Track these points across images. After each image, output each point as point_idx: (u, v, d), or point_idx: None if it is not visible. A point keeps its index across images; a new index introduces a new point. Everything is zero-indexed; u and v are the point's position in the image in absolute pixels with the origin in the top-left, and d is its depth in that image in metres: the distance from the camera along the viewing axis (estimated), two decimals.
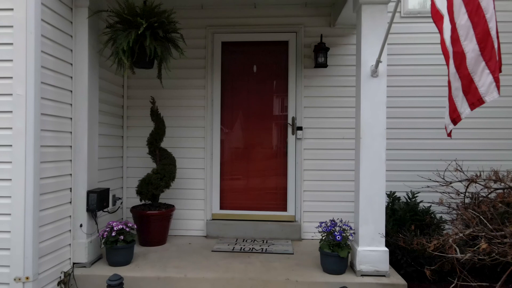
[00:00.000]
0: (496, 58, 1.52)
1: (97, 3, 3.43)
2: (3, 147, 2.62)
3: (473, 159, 4.07)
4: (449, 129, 1.88)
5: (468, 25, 1.64)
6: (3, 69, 2.62)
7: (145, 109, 4.34)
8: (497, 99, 3.57)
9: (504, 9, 4.22)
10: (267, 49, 4.51)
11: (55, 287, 3.01)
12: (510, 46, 4.02)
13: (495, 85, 1.56)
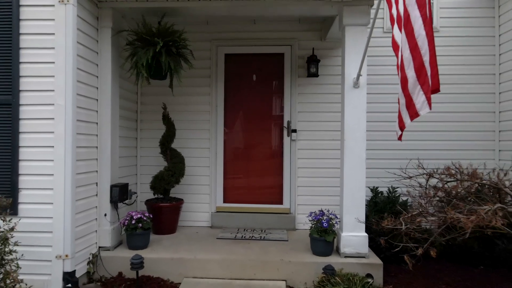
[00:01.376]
0: (428, 83, 2.07)
1: (118, 24, 3.98)
2: (46, 147, 3.17)
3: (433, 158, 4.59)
4: (398, 134, 2.44)
5: (409, 58, 2.19)
6: (47, 83, 3.17)
7: (156, 114, 4.88)
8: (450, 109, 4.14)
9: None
10: (265, 60, 5.06)
11: (85, 266, 3.56)
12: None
13: (427, 102, 2.11)
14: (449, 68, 4.88)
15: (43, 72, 3.18)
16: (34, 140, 3.19)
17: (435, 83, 2.04)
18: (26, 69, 3.19)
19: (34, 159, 3.19)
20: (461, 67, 4.90)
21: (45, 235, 3.15)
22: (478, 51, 4.90)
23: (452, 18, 4.94)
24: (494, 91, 4.85)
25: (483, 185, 2.97)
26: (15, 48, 3.18)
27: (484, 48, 4.88)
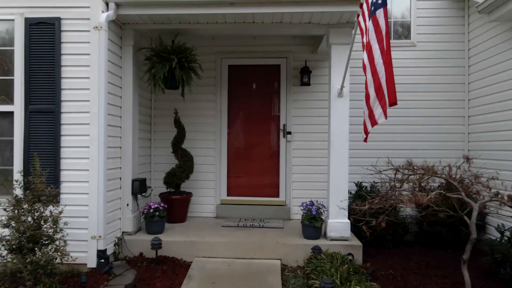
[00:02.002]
0: (385, 100, 2.74)
1: (138, 42, 4.67)
2: (83, 148, 3.86)
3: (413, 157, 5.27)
4: (363, 137, 3.13)
5: (371, 79, 2.87)
6: (83, 95, 3.86)
7: (167, 118, 5.55)
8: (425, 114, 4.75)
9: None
10: (263, 71, 5.75)
11: (112, 247, 4.24)
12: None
13: (383, 114, 2.78)
14: (423, 78, 5.58)
15: (80, 86, 3.87)
16: (72, 141, 3.88)
17: (392, 98, 2.71)
18: (67, 83, 3.88)
19: (73, 157, 3.87)
20: (435, 76, 5.60)
21: (82, 219, 3.83)
22: (450, 62, 5.59)
23: (427, 34, 5.62)
24: (464, 98, 5.55)
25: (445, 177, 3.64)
26: (58, 66, 3.86)
27: (455, 60, 5.57)
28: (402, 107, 5.27)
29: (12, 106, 3.89)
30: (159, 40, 4.64)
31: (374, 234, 4.82)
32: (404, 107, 5.48)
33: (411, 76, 5.63)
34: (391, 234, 4.94)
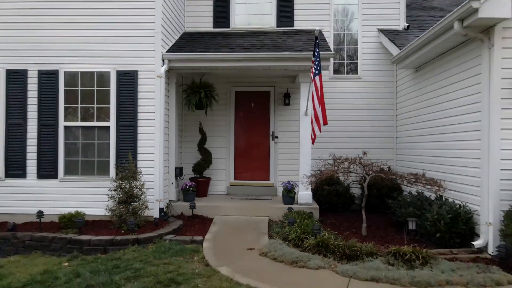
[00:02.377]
0: (319, 122, 5.35)
1: (179, 80, 7.35)
2: (150, 147, 6.52)
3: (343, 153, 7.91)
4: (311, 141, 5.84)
5: (312, 112, 5.51)
6: (150, 115, 6.52)
7: (193, 127, 8.20)
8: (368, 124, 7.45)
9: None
10: (259, 95, 8.41)
11: (165, 208, 6.90)
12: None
13: (318, 128, 5.43)
14: (365, 100, 8.25)
15: (148, 110, 6.52)
16: (144, 144, 6.53)
17: (325, 120, 5.32)
18: (140, 109, 6.54)
19: (145, 153, 6.53)
20: (373, 99, 8.26)
21: (150, 190, 6.48)
22: (385, 90, 8.26)
23: (369, 71, 8.29)
24: (393, 114, 8.21)
25: (364, 164, 6.30)
26: (135, 99, 6.53)
27: (387, 89, 8.24)
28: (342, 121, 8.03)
29: (109, 122, 6.56)
30: (192, 79, 7.31)
31: (330, 203, 7.52)
32: (343, 120, 8.17)
33: (356, 99, 8.30)
34: (342, 203, 7.59)
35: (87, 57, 6.59)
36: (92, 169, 6.63)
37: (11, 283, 4.10)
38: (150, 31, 6.56)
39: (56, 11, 6.64)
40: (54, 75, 6.60)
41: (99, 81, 6.61)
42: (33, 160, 6.62)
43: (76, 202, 6.45)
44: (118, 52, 6.56)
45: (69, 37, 6.59)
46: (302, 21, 8.39)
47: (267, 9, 8.48)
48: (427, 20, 8.86)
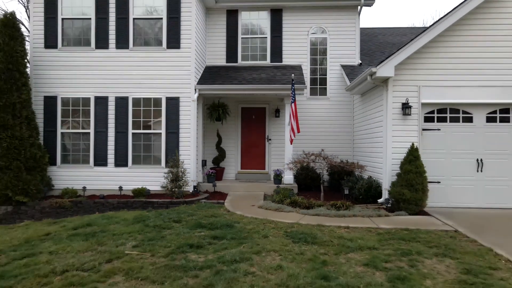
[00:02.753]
0: (294, 131, 8.86)
1: (204, 101, 10.97)
2: (187, 147, 10.13)
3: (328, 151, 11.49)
4: (290, 142, 9.40)
5: (289, 125, 9.04)
6: (187, 125, 10.13)
7: (212, 133, 11.80)
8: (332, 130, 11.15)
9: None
10: (258, 110, 12.01)
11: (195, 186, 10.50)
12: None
13: (293, 134, 8.96)
14: (333, 114, 11.84)
15: (186, 123, 10.14)
16: (183, 143, 10.14)
17: (298, 130, 8.86)
18: (182, 122, 10.14)
19: (184, 151, 10.14)
20: (338, 114, 11.85)
21: (188, 174, 10.07)
22: (345, 107, 11.84)
23: (335, 92, 11.89)
24: (351, 123, 11.81)
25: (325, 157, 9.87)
26: (178, 115, 10.14)
27: (348, 106, 11.83)
28: (317, 129, 11.63)
29: (161, 130, 10.16)
30: (212, 100, 10.94)
31: (306, 184, 11.10)
32: (318, 128, 11.76)
33: (326, 113, 11.89)
34: (314, 184, 11.16)
35: (147, 88, 10.21)
36: (150, 161, 10.25)
37: (125, 219, 7.67)
38: (187, 71, 10.18)
39: (127, 60, 10.26)
40: (125, 99, 10.23)
41: (154, 104, 10.22)
42: (111, 155, 10.24)
43: (140, 182, 10.06)
44: (167, 85, 10.18)
45: (135, 75, 10.21)
46: (288, 58, 12.00)
47: (263, 49, 12.09)
48: (378, 56, 12.44)
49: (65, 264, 5.04)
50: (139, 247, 5.70)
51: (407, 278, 4.42)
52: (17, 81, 9.27)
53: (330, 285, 4.23)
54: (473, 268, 4.70)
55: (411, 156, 7.71)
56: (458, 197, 8.18)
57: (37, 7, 10.27)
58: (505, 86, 8.05)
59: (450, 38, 8.14)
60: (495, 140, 8.17)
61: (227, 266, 4.79)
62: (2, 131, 9.03)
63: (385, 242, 5.78)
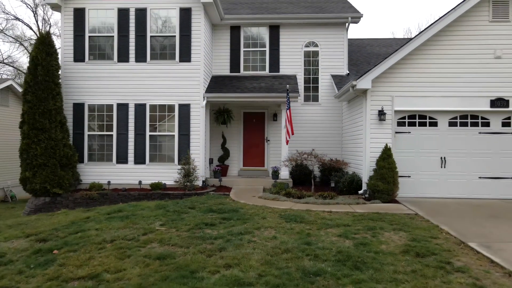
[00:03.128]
0: (289, 133, 10.43)
1: (211, 107, 12.58)
2: (197, 147, 11.74)
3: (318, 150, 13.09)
4: (286, 142, 10.98)
5: (285, 129, 10.61)
6: (197, 128, 11.74)
7: (218, 134, 13.39)
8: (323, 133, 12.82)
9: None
10: (258, 114, 13.62)
11: (203, 181, 12.11)
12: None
13: (288, 136, 10.54)
14: (323, 119, 13.45)
15: (196, 127, 11.74)
16: (193, 144, 11.74)
17: (292, 132, 10.44)
18: (193, 125, 11.74)
19: (194, 149, 11.74)
20: (328, 118, 13.45)
21: (198, 170, 11.67)
22: (335, 112, 13.44)
23: (326, 99, 13.49)
24: (340, 126, 13.40)
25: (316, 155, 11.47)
26: (189, 119, 11.75)
27: (337, 111, 13.42)
28: (311, 131, 13.21)
29: (174, 132, 11.76)
30: (218, 106, 12.54)
31: (300, 179, 12.70)
32: (311, 130, 13.35)
33: (318, 117, 13.49)
34: (307, 180, 12.76)
35: (162, 96, 11.81)
36: (164, 159, 11.84)
37: (148, 207, 9.26)
38: (196, 82, 11.78)
39: (145, 72, 11.86)
40: (143, 106, 11.83)
41: (168, 109, 11.83)
42: (131, 154, 11.84)
43: (157, 177, 11.65)
44: (179, 93, 11.78)
45: (152, 85, 11.81)
46: (285, 68, 13.60)
47: (263, 61, 13.69)
48: (364, 66, 14.04)
49: (112, 236, 6.66)
50: (165, 225, 7.31)
51: (368, 244, 6.02)
52: (53, 90, 10.87)
53: (311, 248, 5.84)
54: (418, 238, 6.31)
55: (384, 155, 9.31)
56: (425, 189, 9.78)
57: (67, 26, 11.88)
58: (464, 97, 9.64)
59: (418, 56, 9.74)
60: (456, 141, 9.77)
61: (235, 237, 6.40)
62: (41, 133, 10.63)
63: (357, 222, 7.39)
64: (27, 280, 5.10)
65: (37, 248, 6.29)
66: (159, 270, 5.16)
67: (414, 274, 4.90)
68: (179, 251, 5.88)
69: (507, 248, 5.72)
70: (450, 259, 5.36)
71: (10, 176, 18.62)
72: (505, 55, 9.54)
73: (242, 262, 5.32)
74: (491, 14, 9.57)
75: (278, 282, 4.67)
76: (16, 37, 35.16)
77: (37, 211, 10.55)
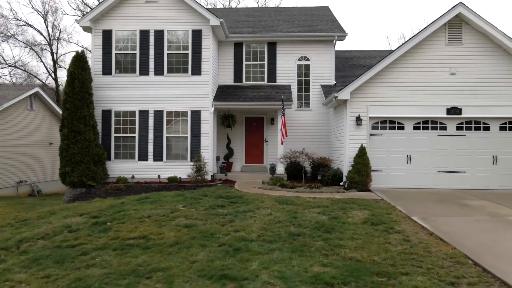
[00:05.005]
0: (283, 135, 12.54)
1: (218, 112, 14.78)
2: (207, 146, 13.93)
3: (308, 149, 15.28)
4: (281, 143, 13.14)
5: (280, 132, 12.77)
6: (207, 131, 13.94)
7: (223, 136, 15.58)
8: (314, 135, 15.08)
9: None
10: (258, 118, 15.81)
11: (212, 175, 14.29)
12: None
13: (283, 138, 12.68)
14: (315, 121, 15.65)
15: (206, 130, 13.94)
16: (204, 144, 13.94)
17: (286, 134, 12.55)
18: (203, 128, 13.94)
19: (204, 149, 13.94)
20: (319, 123, 15.64)
21: (207, 166, 13.86)
22: (324, 116, 15.63)
23: (317, 105, 15.68)
24: (328, 129, 15.59)
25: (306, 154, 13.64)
26: (199, 123, 13.95)
27: (326, 116, 15.61)
28: (303, 132, 15.41)
29: (187, 134, 13.95)
30: (224, 112, 14.74)
31: (293, 174, 14.88)
32: (304, 132, 15.55)
33: (309, 121, 15.68)
34: (299, 175, 14.95)
35: (177, 103, 13.99)
36: (179, 157, 14.03)
37: (169, 195, 11.42)
38: (206, 92, 13.98)
39: (162, 84, 14.06)
40: (161, 112, 14.03)
41: (182, 115, 14.02)
42: (151, 152, 14.03)
43: (172, 172, 13.82)
44: (191, 101, 13.97)
45: (168, 94, 13.99)
46: (281, 79, 15.79)
47: (262, 72, 15.88)
48: (350, 77, 16.21)
49: (147, 213, 8.86)
50: (186, 207, 9.51)
51: (338, 217, 8.21)
52: (86, 100, 13.06)
53: (296, 220, 8.03)
54: (376, 213, 8.50)
55: (360, 153, 11.51)
56: (394, 181, 11.98)
57: (97, 45, 14.07)
58: (425, 106, 11.84)
59: (388, 72, 11.92)
60: (419, 142, 11.96)
61: (240, 214, 8.60)
62: (77, 135, 12.83)
63: (334, 204, 9.58)
64: (96, 240, 7.30)
65: (94, 222, 8.50)
66: (188, 233, 7.37)
67: (366, 234, 7.10)
68: (200, 222, 8.09)
69: (437, 220, 7.92)
70: (394, 226, 7.56)
71: (36, 173, 20.84)
72: (459, 72, 11.73)
73: (246, 228, 7.52)
74: (447, 38, 11.76)
75: (271, 239, 6.87)
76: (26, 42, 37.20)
77: (74, 200, 12.75)
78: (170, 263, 5.91)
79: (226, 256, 6.14)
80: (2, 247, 7.21)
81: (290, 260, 5.87)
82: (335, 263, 5.73)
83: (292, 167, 14.80)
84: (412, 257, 5.88)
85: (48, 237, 7.66)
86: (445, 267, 5.50)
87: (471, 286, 4.91)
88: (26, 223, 9.19)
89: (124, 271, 5.69)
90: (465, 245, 6.25)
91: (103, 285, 5.23)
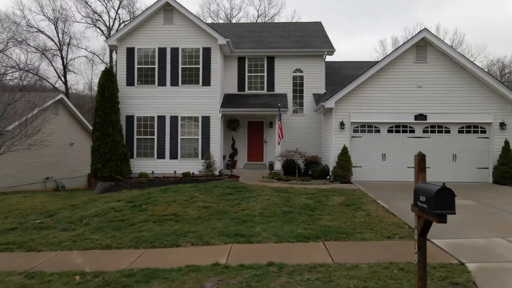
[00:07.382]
0: (280, 137, 14.96)
1: (225, 117, 17.26)
2: (215, 145, 16.39)
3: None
4: (277, 143, 15.59)
5: (277, 135, 15.21)
6: (215, 133, 16.40)
7: (228, 137, 18.03)
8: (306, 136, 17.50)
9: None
10: (258, 122, 18.28)
11: (219, 171, 16.74)
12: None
13: (279, 139, 15.12)
14: (307, 126, 18.12)
15: (215, 133, 16.40)
16: (212, 144, 16.38)
17: (282, 136, 14.95)
18: (212, 131, 16.39)
19: (213, 148, 16.38)
20: (311, 125, 18.10)
21: (216, 164, 16.31)
22: (317, 121, 18.10)
23: (309, 111, 18.14)
24: (319, 131, 18.06)
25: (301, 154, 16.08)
26: (208, 127, 16.41)
27: (318, 120, 18.07)
28: (298, 135, 17.89)
29: (198, 136, 16.40)
30: (229, 117, 17.21)
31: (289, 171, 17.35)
32: (298, 134, 18.01)
33: (303, 125, 18.13)
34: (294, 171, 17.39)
35: (190, 110, 16.45)
36: (191, 155, 16.49)
37: (185, 187, 13.87)
38: (214, 100, 16.44)
39: (177, 93, 16.53)
40: (176, 117, 16.48)
41: (194, 120, 16.48)
42: (167, 151, 16.49)
43: (186, 168, 16.28)
44: (202, 108, 16.42)
45: (182, 102, 16.45)
46: (278, 88, 18.26)
47: (262, 83, 18.35)
48: (338, 86, 18.65)
49: (172, 199, 11.32)
50: (202, 194, 11.97)
51: (321, 201, 10.68)
52: (114, 107, 15.53)
53: (288, 203, 10.50)
54: (351, 198, 10.97)
55: (343, 152, 13.97)
56: (372, 175, 14.44)
57: (121, 60, 16.54)
58: (397, 113, 14.30)
59: (366, 85, 14.39)
60: (392, 143, 14.43)
61: (245, 199, 11.07)
62: (107, 137, 15.29)
63: (320, 192, 12.04)
64: (138, 216, 9.77)
65: (132, 205, 10.97)
66: (206, 212, 9.84)
67: (340, 212, 9.58)
68: (214, 205, 10.56)
69: (395, 202, 10.40)
70: (362, 206, 10.03)
71: (60, 170, 23.32)
72: (424, 85, 14.20)
73: (250, 208, 10.00)
74: (415, 57, 14.24)
75: (269, 215, 9.36)
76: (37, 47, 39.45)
77: (105, 191, 15.20)
78: (198, 228, 8.40)
79: (237, 224, 8.62)
80: (69, 221, 9.68)
81: (282, 226, 8.35)
82: (313, 227, 8.21)
83: (288, 164, 17.26)
84: (368, 225, 8.36)
85: (101, 215, 10.13)
86: (388, 229, 7.98)
87: (401, 238, 7.39)
88: (76, 207, 11.65)
89: (166, 233, 8.16)
90: (408, 217, 8.72)
91: (155, 240, 7.70)
